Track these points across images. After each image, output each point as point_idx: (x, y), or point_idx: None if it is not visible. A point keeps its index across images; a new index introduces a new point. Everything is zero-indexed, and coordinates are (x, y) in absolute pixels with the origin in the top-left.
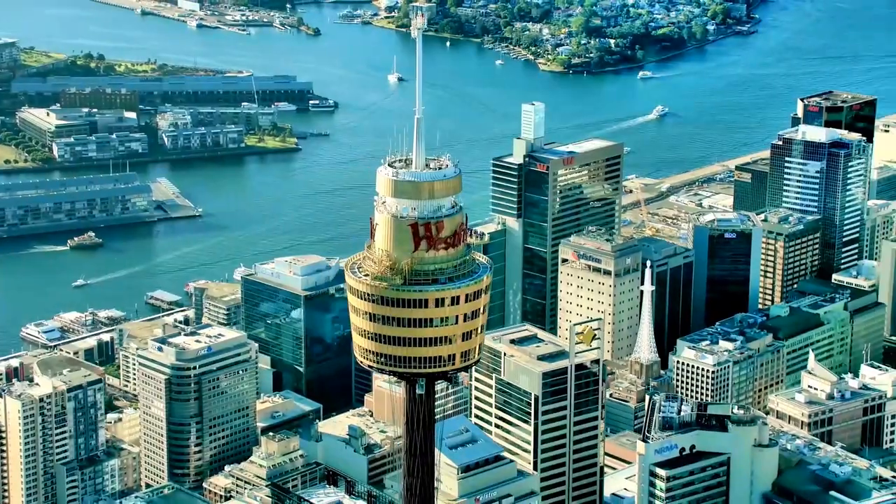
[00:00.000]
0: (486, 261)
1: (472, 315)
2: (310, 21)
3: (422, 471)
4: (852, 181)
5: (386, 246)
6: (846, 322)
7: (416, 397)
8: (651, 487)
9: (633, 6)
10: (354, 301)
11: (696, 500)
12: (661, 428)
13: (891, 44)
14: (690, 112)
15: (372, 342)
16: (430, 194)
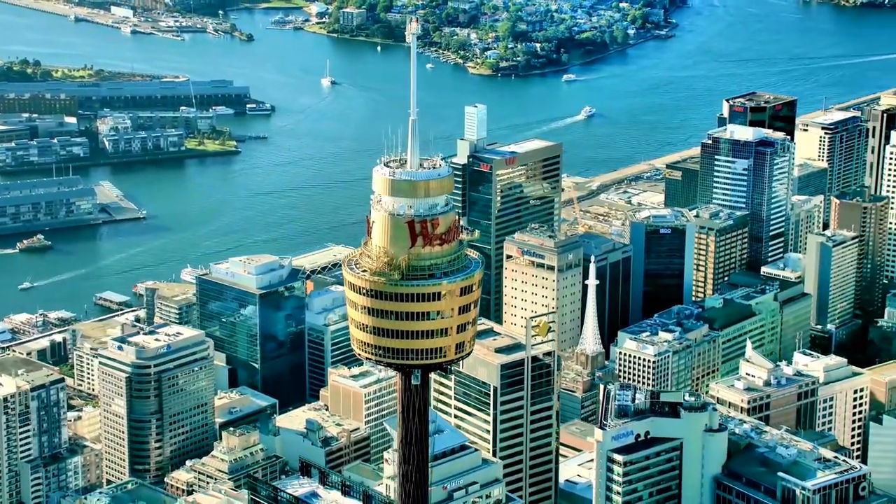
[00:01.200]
0: (476, 256)
1: (465, 308)
2: (243, 27)
3: (417, 458)
4: (777, 178)
5: (383, 243)
6: (776, 312)
7: (411, 388)
8: (609, 473)
9: (557, 11)
10: (353, 296)
11: (651, 484)
12: (617, 415)
13: (799, 47)
14: (616, 113)
15: (370, 335)
16: (426, 193)
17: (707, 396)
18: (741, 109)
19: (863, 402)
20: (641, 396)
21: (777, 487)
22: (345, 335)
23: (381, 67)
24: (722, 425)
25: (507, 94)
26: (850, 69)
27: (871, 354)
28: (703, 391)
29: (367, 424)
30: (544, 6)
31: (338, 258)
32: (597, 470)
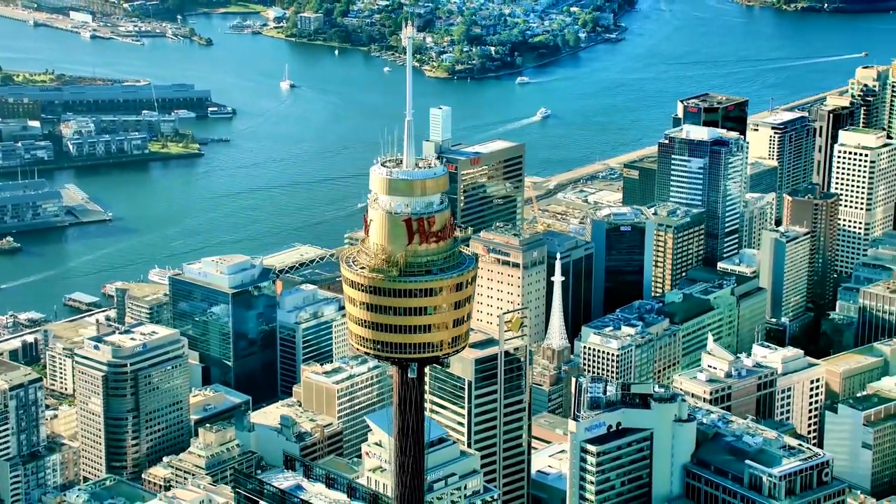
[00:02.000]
0: (470, 253)
1: (460, 303)
2: (201, 32)
3: (413, 449)
4: (731, 176)
5: (381, 240)
6: (733, 306)
7: (407, 381)
8: (582, 463)
9: (510, 16)
10: (351, 292)
11: (623, 473)
12: (590, 407)
13: (744, 50)
14: (570, 114)
15: (368, 330)
16: (423, 191)
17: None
18: (695, 110)
19: (818, 392)
20: (612, 389)
21: (744, 475)
22: (316, 333)
23: (339, 71)
24: (690, 416)
25: (464, 96)
26: (793, 71)
27: (824, 346)
28: (664, 383)
29: (340, 419)
30: (497, 11)
31: (304, 258)
32: (571, 460)
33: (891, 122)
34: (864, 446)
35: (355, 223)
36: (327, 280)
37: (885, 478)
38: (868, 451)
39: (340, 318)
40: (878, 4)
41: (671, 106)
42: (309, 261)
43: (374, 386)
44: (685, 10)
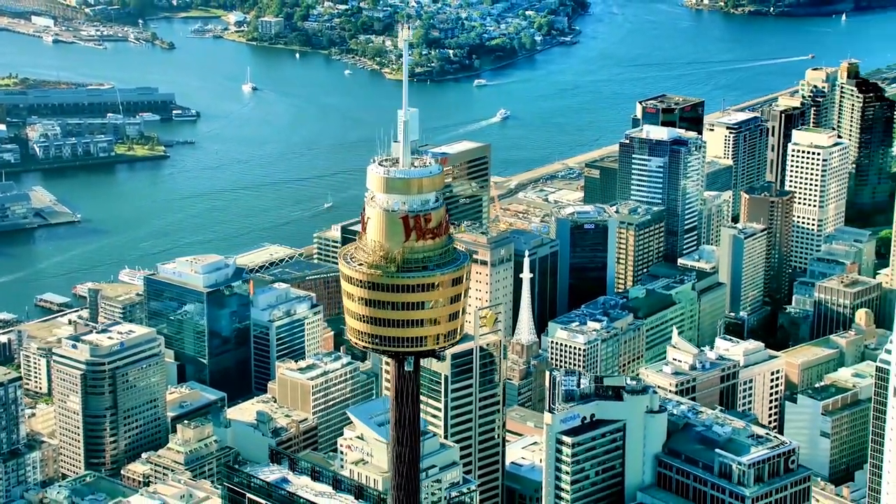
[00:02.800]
0: (464, 249)
1: (455, 298)
2: (163, 35)
3: (410, 440)
4: (690, 175)
5: (379, 237)
6: (694, 301)
7: (404, 374)
8: (558, 454)
9: (467, 19)
10: (350, 288)
11: (597, 464)
12: (565, 400)
13: (694, 53)
14: (528, 115)
15: (367, 325)
16: (419, 189)
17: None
18: (653, 111)
19: (778, 383)
20: (586, 381)
21: (714, 463)
22: (289, 330)
23: (300, 74)
24: (662, 407)
25: (424, 98)
26: (743, 73)
27: (781, 339)
28: (634, 376)
29: (315, 415)
30: (455, 14)
31: (274, 257)
32: (546, 451)
33: (840, 121)
34: (822, 435)
35: (323, 223)
36: (297, 279)
37: (842, 465)
38: (826, 439)
39: (313, 315)
40: (822, 9)
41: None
42: (278, 260)
43: (347, 382)
44: (636, 13)
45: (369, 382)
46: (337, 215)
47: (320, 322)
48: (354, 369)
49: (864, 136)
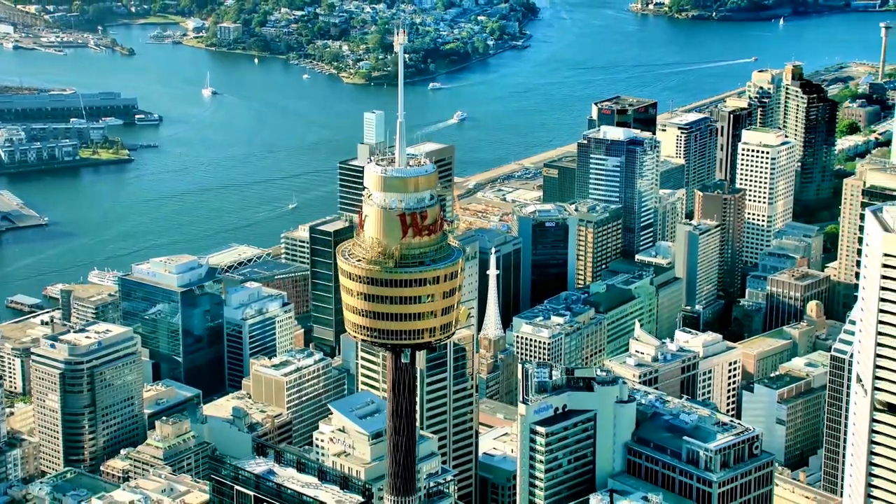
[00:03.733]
0: (458, 245)
1: (450, 292)
2: (123, 42)
3: (406, 429)
4: (646, 174)
5: (377, 234)
6: (653, 295)
7: (401, 366)
8: (532, 443)
9: (422, 24)
10: (349, 283)
11: (570, 452)
12: (537, 391)
13: (641, 56)
14: (484, 117)
15: (365, 319)
16: (416, 188)
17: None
18: (609, 112)
19: (736, 373)
20: (557, 373)
21: (682, 450)
22: (261, 328)
23: (259, 78)
24: (631, 397)
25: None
26: (688, 75)
27: (735, 330)
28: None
29: (289, 410)
30: (409, 20)
31: (242, 257)
32: (520, 441)
33: (785, 122)
34: (777, 422)
35: (288, 224)
36: (266, 278)
37: (797, 450)
38: (782, 426)
39: (283, 314)
40: (761, 14)
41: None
42: (247, 260)
43: (320, 378)
44: (584, 18)
45: (341, 378)
46: (302, 216)
47: (291, 320)
48: (326, 365)
49: (809, 135)
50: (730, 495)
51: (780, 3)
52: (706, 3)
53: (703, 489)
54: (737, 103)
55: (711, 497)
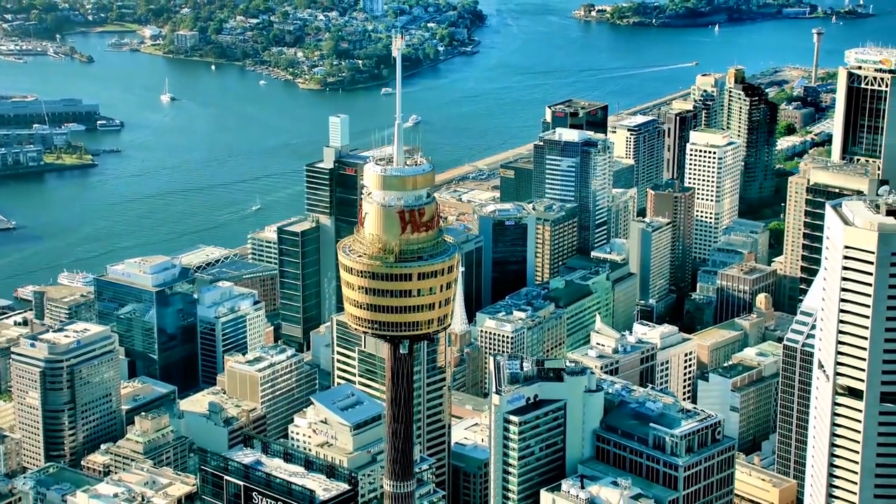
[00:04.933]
0: (453, 241)
1: (447, 286)
2: (81, 49)
3: (404, 417)
4: (599, 174)
5: (377, 231)
6: (609, 290)
7: (399, 356)
8: (505, 432)
9: (374, 31)
10: (350, 278)
11: (541, 440)
12: (510, 382)
13: (585, 61)
14: (438, 120)
15: (366, 311)
16: (414, 186)
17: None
18: (562, 115)
19: (691, 363)
20: (528, 365)
21: (649, 436)
22: (233, 326)
23: (216, 84)
24: (598, 386)
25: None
26: (631, 79)
27: (687, 323)
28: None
29: (263, 404)
30: (361, 27)
31: (210, 258)
32: (494, 430)
33: (729, 123)
34: (731, 409)
35: (252, 225)
36: (234, 278)
37: (750, 436)
38: (735, 413)
39: (254, 312)
40: (698, 20)
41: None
42: (215, 260)
43: (292, 373)
44: (530, 25)
45: (312, 373)
46: (265, 217)
47: (261, 318)
48: (298, 361)
49: (751, 136)
50: (694, 478)
51: (716, 10)
52: (646, 10)
53: (669, 473)
54: (682, 106)
55: (677, 480)
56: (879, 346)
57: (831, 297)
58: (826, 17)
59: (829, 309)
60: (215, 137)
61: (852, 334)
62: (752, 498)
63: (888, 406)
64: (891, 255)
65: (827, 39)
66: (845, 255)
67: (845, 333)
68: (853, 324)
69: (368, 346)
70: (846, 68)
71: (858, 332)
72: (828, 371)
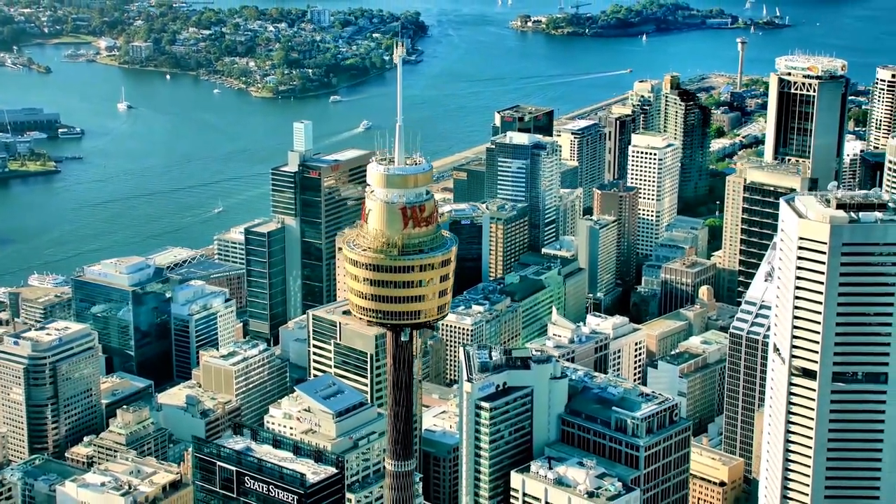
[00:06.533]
0: (450, 235)
1: (445, 277)
2: (38, 60)
3: (405, 400)
4: (548, 175)
5: (380, 226)
6: (561, 284)
7: (401, 343)
8: (477, 418)
9: (322, 42)
10: (354, 270)
11: (511, 425)
12: (480, 370)
13: (524, 69)
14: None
15: (370, 302)
16: (415, 184)
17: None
18: (510, 119)
19: (641, 352)
20: (497, 354)
21: (611, 419)
22: (206, 323)
23: (171, 93)
24: (563, 373)
25: (289, 113)
26: (569, 86)
27: (634, 314)
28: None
29: (238, 397)
30: (310, 38)
31: (178, 258)
32: (466, 416)
33: (665, 126)
34: (679, 394)
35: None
36: (202, 277)
37: (696, 419)
38: (683, 398)
39: (225, 309)
40: (629, 30)
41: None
42: (182, 261)
43: (265, 366)
44: (469, 35)
45: (283, 366)
46: (228, 219)
47: (232, 315)
48: (270, 355)
49: (687, 138)
50: (654, 458)
51: (645, 20)
52: (579, 20)
53: (630, 453)
54: (621, 110)
55: (638, 460)
56: (832, 329)
57: (786, 286)
58: (746, 27)
59: (784, 296)
60: (173, 144)
61: (806, 319)
62: (703, 476)
63: (839, 385)
64: (841, 245)
65: (749, 48)
66: (800, 245)
67: (800, 318)
68: (807, 309)
69: (344, 339)
70: (777, 74)
71: (812, 317)
72: (783, 354)
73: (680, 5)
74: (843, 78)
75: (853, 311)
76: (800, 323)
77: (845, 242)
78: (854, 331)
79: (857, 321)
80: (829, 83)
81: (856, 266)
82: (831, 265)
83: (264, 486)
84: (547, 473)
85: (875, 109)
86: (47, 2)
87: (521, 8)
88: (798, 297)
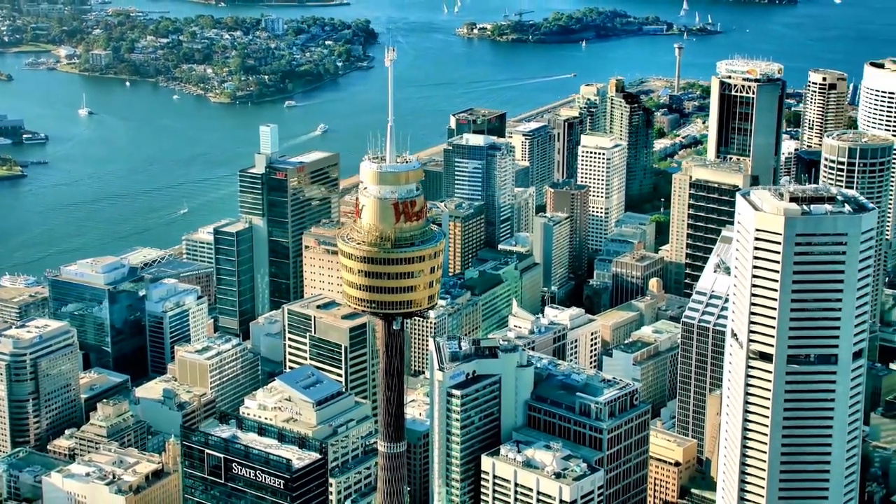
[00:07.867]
0: (439, 229)
1: (435, 269)
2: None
3: (396, 386)
4: (502, 175)
5: (373, 221)
6: (518, 279)
7: (392, 331)
8: (448, 405)
9: (277, 49)
10: (349, 262)
11: (480, 411)
12: (451, 360)
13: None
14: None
15: (364, 292)
16: (406, 180)
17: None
18: (465, 122)
19: (596, 341)
20: (466, 344)
21: (575, 404)
22: (179, 319)
23: (131, 100)
24: (529, 362)
25: (247, 118)
26: (516, 90)
27: (587, 307)
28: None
29: (212, 390)
30: (265, 45)
31: (148, 258)
32: (438, 403)
33: (611, 127)
34: (633, 381)
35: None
36: (172, 276)
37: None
38: (637, 384)
39: (197, 306)
40: (571, 37)
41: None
42: (152, 260)
43: (237, 360)
44: (418, 41)
45: (255, 360)
46: (193, 220)
47: (204, 311)
48: (242, 349)
49: (631, 138)
50: (617, 440)
51: (585, 27)
52: (523, 27)
53: (594, 436)
54: (569, 112)
55: (602, 442)
56: (787, 314)
57: (743, 274)
58: (680, 33)
59: (742, 284)
60: (135, 148)
61: (763, 305)
62: (660, 457)
63: (794, 367)
64: (795, 236)
65: (684, 53)
66: (756, 236)
67: (757, 305)
68: (764, 296)
69: (319, 332)
70: (718, 77)
71: (768, 303)
72: (741, 339)
73: (618, 13)
74: (780, 81)
75: (806, 297)
76: (757, 309)
77: (798, 233)
78: (807, 315)
79: (809, 306)
80: (767, 86)
81: (808, 255)
82: (786, 254)
83: (251, 471)
84: (516, 456)
85: (808, 110)
86: (6, 11)
87: (467, 16)
88: (755, 284)
